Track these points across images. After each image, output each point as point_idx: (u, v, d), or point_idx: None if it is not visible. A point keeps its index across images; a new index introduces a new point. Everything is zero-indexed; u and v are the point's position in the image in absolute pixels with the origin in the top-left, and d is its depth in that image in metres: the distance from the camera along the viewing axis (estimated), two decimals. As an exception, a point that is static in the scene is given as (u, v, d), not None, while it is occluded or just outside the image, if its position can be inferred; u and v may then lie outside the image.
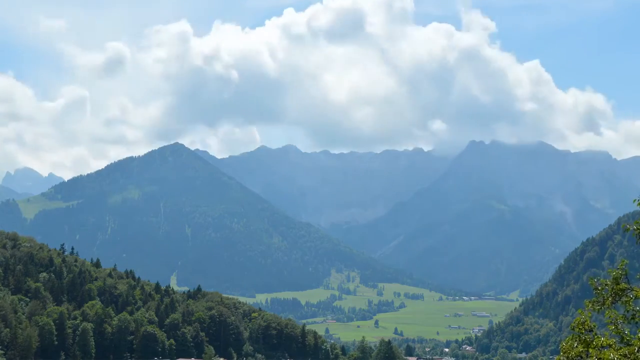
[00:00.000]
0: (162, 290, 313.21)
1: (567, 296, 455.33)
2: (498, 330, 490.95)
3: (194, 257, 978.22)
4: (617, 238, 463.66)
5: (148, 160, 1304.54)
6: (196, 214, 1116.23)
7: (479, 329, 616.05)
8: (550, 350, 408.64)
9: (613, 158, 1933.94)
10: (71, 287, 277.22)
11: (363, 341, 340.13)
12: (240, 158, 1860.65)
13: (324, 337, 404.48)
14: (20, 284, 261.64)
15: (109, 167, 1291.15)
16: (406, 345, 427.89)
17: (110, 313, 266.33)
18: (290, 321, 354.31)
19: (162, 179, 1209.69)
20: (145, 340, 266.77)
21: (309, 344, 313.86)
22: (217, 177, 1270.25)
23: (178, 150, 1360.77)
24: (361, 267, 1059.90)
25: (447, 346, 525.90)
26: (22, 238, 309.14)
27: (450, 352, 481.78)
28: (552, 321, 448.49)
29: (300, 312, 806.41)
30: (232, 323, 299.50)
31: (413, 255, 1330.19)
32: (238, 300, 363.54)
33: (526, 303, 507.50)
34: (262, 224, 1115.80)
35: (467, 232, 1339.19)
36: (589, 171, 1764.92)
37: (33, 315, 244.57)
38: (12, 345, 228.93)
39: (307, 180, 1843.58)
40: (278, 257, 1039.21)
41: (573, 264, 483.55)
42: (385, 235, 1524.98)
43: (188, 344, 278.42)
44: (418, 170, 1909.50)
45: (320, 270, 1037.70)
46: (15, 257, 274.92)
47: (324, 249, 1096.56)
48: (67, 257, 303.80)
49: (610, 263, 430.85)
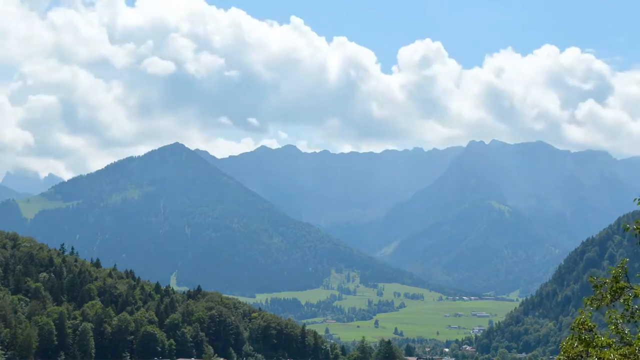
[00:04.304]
0: (162, 290, 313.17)
1: (567, 296, 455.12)
2: (498, 330, 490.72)
3: (194, 257, 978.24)
4: (617, 238, 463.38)
5: (148, 160, 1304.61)
6: (196, 214, 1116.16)
7: (479, 329, 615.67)
8: (550, 350, 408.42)
9: (613, 158, 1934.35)
10: (71, 287, 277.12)
11: (363, 341, 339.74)
12: (240, 158, 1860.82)
13: (324, 337, 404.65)
14: (20, 284, 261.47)
15: (109, 167, 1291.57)
16: (406, 345, 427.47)
17: (110, 313, 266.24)
18: (290, 321, 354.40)
19: (162, 179, 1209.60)
20: (145, 340, 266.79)
21: (309, 344, 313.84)
22: (217, 177, 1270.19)
23: (178, 150, 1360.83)
24: (361, 267, 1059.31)
25: (447, 346, 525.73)
26: (22, 238, 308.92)
27: (450, 352, 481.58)
28: (552, 321, 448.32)
29: (300, 312, 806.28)
30: (232, 323, 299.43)
31: (413, 255, 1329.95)
32: (238, 300, 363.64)
33: (526, 303, 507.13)
34: (262, 224, 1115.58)
35: (467, 232, 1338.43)
36: (589, 171, 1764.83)
37: (33, 315, 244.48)
38: (12, 345, 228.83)
39: (307, 180, 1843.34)
40: (278, 257, 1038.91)
41: (573, 264, 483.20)
42: (385, 235, 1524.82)
43: (188, 344, 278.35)
44: (418, 170, 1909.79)
45: (320, 270, 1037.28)
46: (15, 257, 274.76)
47: (324, 249, 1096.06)
48: (67, 257, 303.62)
49: (610, 263, 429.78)
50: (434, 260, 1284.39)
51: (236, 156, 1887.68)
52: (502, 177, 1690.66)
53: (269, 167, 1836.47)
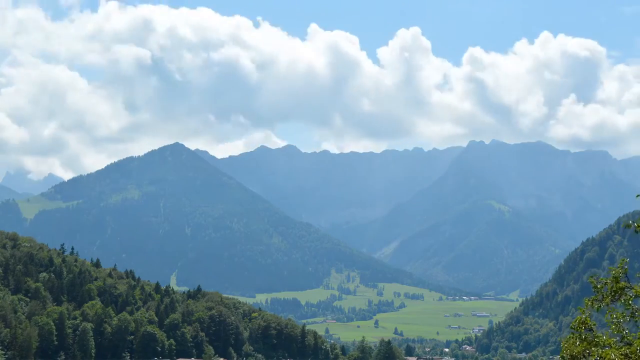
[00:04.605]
0: (162, 290, 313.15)
1: (567, 296, 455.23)
2: (498, 330, 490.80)
3: (194, 257, 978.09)
4: (617, 238, 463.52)
5: (148, 160, 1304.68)
6: (196, 214, 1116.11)
7: (479, 329, 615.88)
8: (550, 350, 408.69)
9: (613, 158, 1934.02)
10: (71, 287, 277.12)
11: (363, 341, 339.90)
12: (240, 158, 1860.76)
13: (324, 337, 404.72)
14: (20, 284, 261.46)
15: (109, 167, 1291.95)
16: (406, 345, 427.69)
17: (110, 313, 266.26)
18: (290, 321, 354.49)
19: (162, 179, 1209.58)
20: (145, 340, 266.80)
21: (309, 344, 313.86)
22: (217, 177, 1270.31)
23: (178, 150, 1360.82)
24: (361, 267, 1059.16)
25: (447, 346, 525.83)
26: (22, 238, 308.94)
27: (450, 352, 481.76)
28: (552, 321, 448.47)
29: (300, 312, 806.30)
30: (232, 323, 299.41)
31: (413, 255, 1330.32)
32: (238, 300, 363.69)
33: (526, 303, 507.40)
34: (262, 224, 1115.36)
35: (467, 232, 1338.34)
36: (589, 171, 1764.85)
37: (33, 315, 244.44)
38: (12, 345, 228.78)
39: (307, 180, 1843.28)
40: (278, 257, 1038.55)
41: (573, 264, 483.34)
42: (385, 235, 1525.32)
43: (188, 344, 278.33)
44: (418, 170, 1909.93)
45: (320, 270, 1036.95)
46: (15, 257, 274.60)
47: (324, 249, 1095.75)
48: (67, 257, 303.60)
49: (610, 263, 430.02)
50: (434, 260, 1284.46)
51: (236, 156, 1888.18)
52: (502, 177, 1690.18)
53: (269, 167, 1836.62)
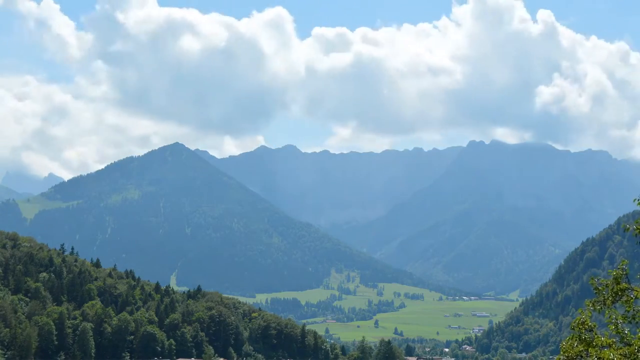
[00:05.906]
0: (162, 290, 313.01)
1: (567, 296, 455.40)
2: (498, 330, 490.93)
3: (194, 257, 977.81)
4: (617, 238, 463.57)
5: (148, 160, 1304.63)
6: (196, 214, 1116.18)
7: (479, 329, 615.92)
8: (550, 350, 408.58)
9: (613, 158, 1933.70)
10: (71, 287, 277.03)
11: (363, 341, 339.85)
12: (240, 158, 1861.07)
13: (324, 337, 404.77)
14: (20, 284, 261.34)
15: (108, 167, 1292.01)
16: (406, 345, 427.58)
17: (110, 313, 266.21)
18: (290, 321, 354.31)
19: (162, 179, 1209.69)
20: (145, 340, 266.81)
21: (309, 344, 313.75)
22: (217, 177, 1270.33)
23: (178, 150, 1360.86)
24: (361, 267, 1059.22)
25: (447, 346, 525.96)
26: (22, 238, 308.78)
27: (450, 352, 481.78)
28: (552, 321, 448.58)
29: (300, 312, 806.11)
30: (232, 323, 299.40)
31: (413, 255, 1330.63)
32: (238, 300, 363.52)
33: (526, 303, 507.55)
34: (262, 224, 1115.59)
35: (467, 232, 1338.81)
36: (589, 171, 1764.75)
37: (33, 315, 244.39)
38: (12, 345, 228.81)
39: (307, 180, 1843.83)
40: (278, 257, 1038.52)
41: (573, 264, 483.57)
42: (385, 235, 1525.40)
43: (188, 344, 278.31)
44: (418, 170, 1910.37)
45: (320, 270, 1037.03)
46: (15, 257, 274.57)
47: (324, 249, 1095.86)
48: (67, 257, 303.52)
49: (610, 263, 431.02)
50: (434, 260, 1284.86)
51: (236, 156, 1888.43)
52: (502, 177, 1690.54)
53: (269, 167, 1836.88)
